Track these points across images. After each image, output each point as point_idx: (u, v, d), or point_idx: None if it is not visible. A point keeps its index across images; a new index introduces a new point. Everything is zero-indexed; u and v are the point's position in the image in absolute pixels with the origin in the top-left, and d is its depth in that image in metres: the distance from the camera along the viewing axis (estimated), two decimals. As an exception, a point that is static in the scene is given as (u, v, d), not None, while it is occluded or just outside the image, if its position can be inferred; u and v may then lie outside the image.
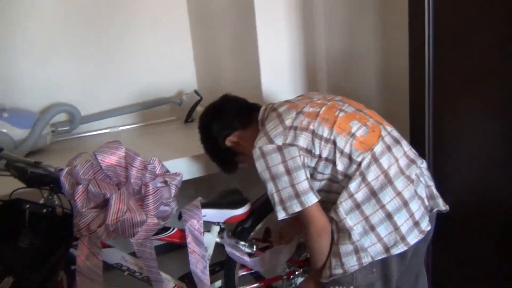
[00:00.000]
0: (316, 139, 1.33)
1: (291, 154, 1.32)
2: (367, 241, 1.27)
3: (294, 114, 1.39)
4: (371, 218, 1.27)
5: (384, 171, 1.29)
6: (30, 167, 1.33)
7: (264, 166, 1.34)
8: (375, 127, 1.37)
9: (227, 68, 2.35)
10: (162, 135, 2.51)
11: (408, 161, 1.34)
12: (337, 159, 1.31)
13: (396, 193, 1.27)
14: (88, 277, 1.36)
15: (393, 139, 1.37)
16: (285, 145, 1.33)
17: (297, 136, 1.34)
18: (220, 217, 1.70)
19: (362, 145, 1.31)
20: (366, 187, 1.28)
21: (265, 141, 1.36)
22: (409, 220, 1.27)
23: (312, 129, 1.34)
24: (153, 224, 1.35)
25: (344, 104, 1.44)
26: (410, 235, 1.26)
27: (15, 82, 2.39)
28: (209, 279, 1.62)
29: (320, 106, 1.41)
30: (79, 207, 1.25)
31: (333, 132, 1.33)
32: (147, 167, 1.35)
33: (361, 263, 1.26)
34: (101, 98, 2.60)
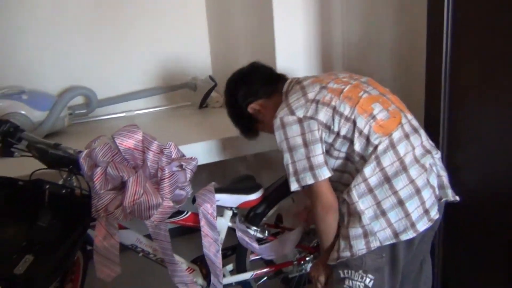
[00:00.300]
0: (336, 116, 1.33)
1: (310, 127, 1.33)
2: (377, 226, 1.27)
3: (318, 88, 1.39)
4: (383, 203, 1.27)
5: (400, 158, 1.29)
6: (51, 149, 1.36)
7: (282, 137, 1.36)
8: (396, 114, 1.37)
9: (243, 53, 2.35)
10: (176, 120, 2.53)
11: (424, 151, 1.34)
12: (355, 138, 1.31)
13: (409, 180, 1.27)
14: (105, 257, 1.40)
15: (412, 128, 1.37)
16: (305, 118, 1.34)
17: (318, 110, 1.34)
18: (233, 202, 1.73)
19: (381, 128, 1.31)
20: (381, 172, 1.28)
21: (287, 112, 1.37)
22: (420, 207, 1.27)
23: (333, 105, 1.34)
24: (168, 207, 1.38)
25: (369, 86, 1.43)
26: (419, 222, 1.27)
27: (34, 65, 2.43)
28: (221, 262, 1.65)
29: (345, 84, 1.40)
30: (98, 189, 1.28)
31: (354, 112, 1.33)
32: (163, 151, 1.38)
33: (369, 247, 1.27)
34: (118, 82, 2.63)
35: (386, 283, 1.34)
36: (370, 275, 1.31)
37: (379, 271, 1.32)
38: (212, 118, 2.52)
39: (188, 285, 1.63)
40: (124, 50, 2.61)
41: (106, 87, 2.59)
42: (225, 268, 1.85)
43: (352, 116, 1.32)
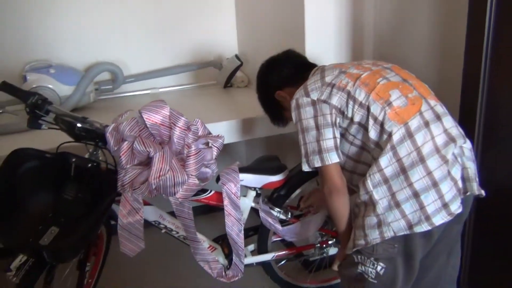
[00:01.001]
0: (350, 101, 1.32)
1: (323, 110, 1.34)
2: (390, 216, 1.25)
3: (337, 72, 1.40)
4: (398, 194, 1.24)
5: (417, 148, 1.25)
6: (78, 122, 1.36)
7: (297, 118, 1.39)
8: (416, 100, 1.32)
9: (270, 33, 2.30)
10: (201, 98, 2.52)
11: (447, 139, 1.28)
12: (370, 125, 1.29)
13: (426, 172, 1.23)
14: (129, 232, 1.40)
15: (435, 115, 1.31)
16: (319, 101, 1.35)
17: (332, 94, 1.34)
18: (257, 183, 1.71)
19: (397, 116, 1.28)
20: (397, 162, 1.25)
21: (302, 93, 1.39)
22: (437, 201, 1.23)
23: (348, 90, 1.33)
24: (193, 185, 1.37)
25: (392, 72, 1.40)
26: (436, 215, 1.23)
27: (61, 40, 2.43)
28: (243, 241, 1.64)
29: (365, 70, 1.39)
30: (124, 163, 1.28)
31: (369, 98, 1.30)
32: (190, 128, 1.36)
33: (383, 236, 1.25)
34: (144, 59, 2.61)
35: (400, 274, 1.32)
36: (382, 263, 1.30)
37: (391, 261, 1.30)
38: (236, 97, 2.49)
39: (209, 263, 1.64)
40: (151, 27, 2.59)
41: (132, 63, 2.58)
42: (247, 248, 1.85)
43: (366, 102, 1.31)
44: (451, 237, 1.39)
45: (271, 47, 2.30)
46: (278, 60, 1.64)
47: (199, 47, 2.72)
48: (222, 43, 2.75)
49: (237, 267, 1.66)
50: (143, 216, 1.41)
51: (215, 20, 2.71)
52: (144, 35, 2.59)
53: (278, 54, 1.66)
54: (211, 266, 1.63)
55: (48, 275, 1.43)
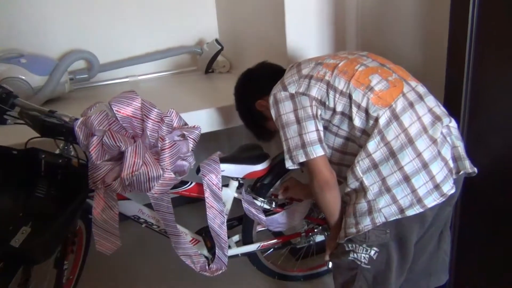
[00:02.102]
0: (330, 91, 1.29)
1: (302, 103, 1.31)
2: (381, 202, 1.23)
3: (313, 64, 1.37)
4: (388, 179, 1.22)
5: (404, 130, 1.22)
6: (44, 116, 1.29)
7: (276, 114, 1.35)
8: (397, 82, 1.30)
9: (250, 17, 2.23)
10: (181, 85, 2.45)
11: (433, 118, 1.26)
12: (354, 113, 1.27)
13: (416, 154, 1.21)
14: (103, 229, 1.35)
15: (417, 95, 1.29)
16: (297, 94, 1.32)
17: (311, 86, 1.31)
18: (239, 173, 1.67)
19: (380, 100, 1.25)
20: (385, 146, 1.22)
21: (280, 88, 1.36)
22: (428, 182, 1.21)
23: (327, 80, 1.30)
24: (169, 179, 1.31)
25: (368, 58, 1.38)
26: (428, 197, 1.21)
27: (33, 28, 2.33)
28: (226, 234, 1.60)
29: (341, 59, 1.36)
30: (94, 159, 1.22)
31: (349, 85, 1.28)
32: (164, 120, 1.30)
33: (374, 223, 1.23)
34: (121, 46, 2.52)
35: (394, 259, 1.30)
36: (375, 248, 1.29)
37: (384, 245, 1.29)
38: (218, 83, 2.43)
39: (192, 257, 1.59)
40: (127, 12, 2.49)
41: (108, 51, 2.48)
42: (231, 239, 1.81)
43: (347, 90, 1.28)
44: (442, 219, 1.38)
45: (252, 30, 2.25)
46: (254, 71, 1.62)
47: (179, 32, 2.63)
48: (202, 28, 2.67)
49: (220, 260, 1.62)
50: (118, 213, 1.35)
51: (195, 5, 2.62)
52: (121, 21, 2.50)
53: (253, 66, 1.64)
54: (193, 260, 1.59)
55: (24, 276, 1.38)
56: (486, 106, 1.39)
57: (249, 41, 2.32)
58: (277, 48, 1.94)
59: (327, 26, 1.94)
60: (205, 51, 2.53)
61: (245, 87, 1.61)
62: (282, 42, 1.89)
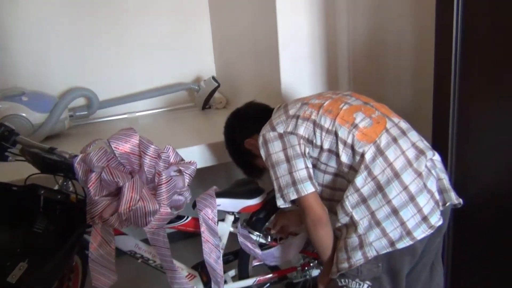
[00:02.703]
0: (317, 129, 1.34)
1: (291, 142, 1.34)
2: (372, 236, 1.25)
3: (299, 105, 1.42)
4: (377, 213, 1.25)
5: (390, 164, 1.26)
6: (45, 153, 1.32)
7: (266, 153, 1.38)
8: (380, 119, 1.35)
9: (246, 56, 2.30)
10: (179, 121, 2.49)
11: (416, 152, 1.30)
12: (340, 150, 1.31)
13: (403, 187, 1.24)
14: (100, 265, 1.36)
15: (400, 131, 1.34)
16: (285, 133, 1.36)
17: (298, 125, 1.36)
18: (235, 207, 1.68)
19: (365, 136, 1.30)
20: (373, 181, 1.26)
21: (268, 129, 1.40)
22: (416, 215, 1.24)
23: (313, 119, 1.35)
24: (166, 214, 1.33)
25: (352, 97, 1.44)
26: (417, 230, 1.23)
27: (34, 66, 2.39)
28: (222, 268, 1.61)
29: (326, 99, 1.42)
30: (92, 195, 1.24)
31: (335, 124, 1.33)
32: (161, 156, 1.33)
33: (366, 257, 1.25)
34: (120, 83, 2.59)
35: None
36: (368, 282, 1.30)
37: (377, 279, 1.30)
38: (215, 119, 2.47)
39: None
40: (126, 50, 2.57)
41: (107, 88, 2.55)
42: (227, 274, 1.81)
43: (333, 128, 1.33)
44: (432, 250, 1.39)
45: (247, 68, 2.32)
46: (242, 111, 1.67)
47: (177, 69, 2.71)
48: (199, 65, 2.74)
49: (216, 295, 1.61)
50: (114, 248, 1.37)
51: (192, 43, 2.71)
52: (120, 58, 2.57)
53: (241, 106, 1.69)
54: (189, 295, 1.58)
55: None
56: (473, 138, 1.43)
57: (245, 78, 2.39)
58: (271, 85, 2.01)
59: (320, 66, 2.02)
60: (202, 88, 2.59)
61: (233, 127, 1.66)
62: (277, 80, 1.95)
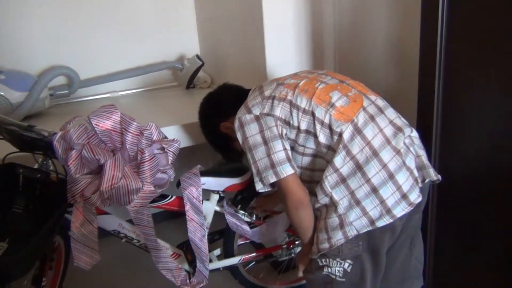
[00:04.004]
0: (294, 110, 1.31)
1: (267, 124, 1.32)
2: (352, 215, 1.24)
3: (274, 85, 1.39)
4: (356, 192, 1.24)
5: (368, 143, 1.25)
6: (23, 130, 1.28)
7: (243, 137, 1.35)
8: (357, 97, 1.33)
9: (231, 33, 2.26)
10: (162, 100, 2.46)
11: (394, 130, 1.30)
12: (318, 130, 1.29)
13: (381, 165, 1.24)
14: (82, 244, 1.34)
15: (377, 108, 1.33)
16: (262, 115, 1.33)
17: (274, 106, 1.33)
18: (220, 186, 1.67)
19: (342, 115, 1.28)
20: (351, 160, 1.25)
21: (244, 111, 1.37)
22: (396, 192, 1.23)
23: (290, 99, 1.33)
24: (149, 192, 1.31)
25: (327, 76, 1.41)
26: (396, 207, 1.23)
27: (12, 44, 2.32)
28: (207, 247, 1.60)
29: (301, 78, 1.39)
30: (73, 173, 1.22)
31: (311, 103, 1.30)
32: (143, 133, 1.30)
33: (346, 236, 1.24)
34: (101, 61, 2.53)
35: (367, 270, 1.32)
36: (349, 260, 1.30)
37: (357, 258, 1.30)
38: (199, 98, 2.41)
39: (172, 271, 1.59)
40: (107, 28, 2.51)
41: (89, 67, 2.49)
42: (212, 252, 1.81)
43: (309, 108, 1.30)
44: (412, 227, 1.40)
45: (232, 46, 2.28)
46: (216, 94, 1.64)
47: (159, 48, 2.65)
48: (183, 44, 2.69)
49: (201, 273, 1.61)
50: (97, 227, 1.35)
51: (175, 20, 2.66)
52: (102, 36, 2.51)
53: (214, 90, 1.66)
54: (174, 274, 1.58)
55: (0, 294, 1.35)
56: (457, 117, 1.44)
57: (230, 57, 2.35)
58: (257, 63, 1.98)
59: (305, 43, 2.00)
60: (186, 66, 2.55)
61: (208, 111, 1.63)
62: (262, 58, 1.93)
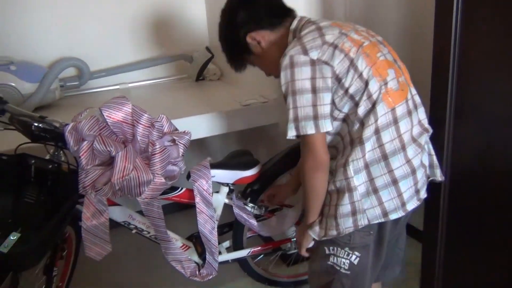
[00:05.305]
0: (351, 69, 1.19)
1: (323, 72, 1.17)
2: (367, 203, 1.22)
3: (337, 32, 1.23)
4: (376, 180, 1.21)
5: (399, 136, 1.22)
6: (35, 121, 1.29)
7: (289, 78, 1.19)
8: (404, 87, 1.27)
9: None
10: (172, 92, 2.46)
11: (421, 130, 1.29)
12: (362, 101, 1.20)
13: (406, 160, 1.22)
14: (93, 234, 1.35)
15: (414, 105, 1.29)
16: (319, 61, 1.18)
17: (335, 57, 1.18)
18: (230, 178, 1.67)
19: (388, 99, 1.21)
20: (379, 148, 1.21)
21: (299, 50, 1.19)
22: (412, 187, 1.23)
23: (352, 57, 1.19)
24: (160, 184, 1.31)
25: (385, 48, 1.30)
26: (410, 202, 1.23)
27: (23, 35, 2.33)
28: (217, 239, 1.60)
29: (364, 38, 1.26)
30: (84, 164, 1.22)
31: (369, 72, 1.20)
32: (154, 125, 1.30)
33: (356, 225, 1.22)
34: (111, 53, 2.54)
35: (370, 261, 1.31)
36: (357, 253, 1.28)
37: (365, 248, 1.28)
38: (208, 91, 2.44)
39: (182, 262, 1.59)
40: (118, 20, 2.51)
41: (99, 58, 2.50)
42: (222, 245, 1.81)
43: (366, 76, 1.19)
44: (405, 220, 1.40)
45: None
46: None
47: (170, 40, 2.65)
48: (193, 36, 2.68)
49: (210, 265, 1.62)
50: (108, 218, 1.35)
51: (186, 13, 2.65)
52: (112, 28, 2.51)
53: None
54: (183, 266, 1.59)
55: (12, 283, 1.36)
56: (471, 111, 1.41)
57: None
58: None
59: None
60: (196, 58, 2.55)
61: (238, 13, 1.36)
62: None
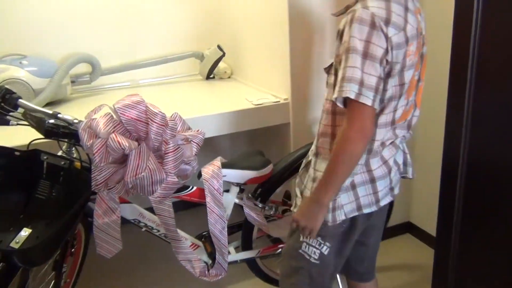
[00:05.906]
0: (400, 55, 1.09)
1: (378, 40, 1.05)
2: (345, 199, 1.22)
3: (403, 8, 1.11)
4: (355, 178, 1.21)
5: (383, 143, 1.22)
6: (49, 118, 1.28)
7: (351, 32, 1.06)
8: (411, 108, 1.25)
9: (253, 24, 2.24)
10: (183, 90, 2.45)
11: (405, 132, 1.28)
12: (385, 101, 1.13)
13: (383, 161, 1.23)
14: (105, 232, 1.34)
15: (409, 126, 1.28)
16: (380, 27, 1.05)
17: (392, 30, 1.06)
18: (241, 178, 1.66)
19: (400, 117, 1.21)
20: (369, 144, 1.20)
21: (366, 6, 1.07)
22: (387, 186, 1.25)
23: (414, 59, 1.13)
24: (172, 183, 1.31)
25: (420, 64, 1.22)
26: (384, 198, 1.25)
27: (35, 31, 2.33)
28: (227, 239, 1.60)
29: (418, 30, 1.15)
30: (98, 162, 1.21)
31: (404, 87, 1.14)
32: (168, 123, 1.29)
33: (334, 220, 1.22)
34: (123, 50, 2.53)
35: (336, 250, 1.30)
36: (328, 243, 1.27)
37: (335, 237, 1.27)
38: (219, 89, 2.43)
39: (192, 262, 1.59)
40: (130, 17, 2.51)
41: (111, 55, 2.49)
42: (231, 245, 1.80)
43: (403, 85, 1.13)
44: (381, 214, 1.41)
45: (253, 36, 2.25)
46: None
47: (181, 37, 2.64)
48: (204, 34, 2.67)
49: (220, 265, 1.61)
50: (120, 216, 1.35)
51: (196, 10, 2.64)
52: (123, 25, 2.50)
53: None
54: (193, 265, 1.58)
55: (22, 279, 1.37)
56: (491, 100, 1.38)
57: (251, 48, 2.33)
58: (279, 55, 1.95)
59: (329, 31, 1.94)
60: (207, 56, 2.54)
61: None
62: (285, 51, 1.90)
